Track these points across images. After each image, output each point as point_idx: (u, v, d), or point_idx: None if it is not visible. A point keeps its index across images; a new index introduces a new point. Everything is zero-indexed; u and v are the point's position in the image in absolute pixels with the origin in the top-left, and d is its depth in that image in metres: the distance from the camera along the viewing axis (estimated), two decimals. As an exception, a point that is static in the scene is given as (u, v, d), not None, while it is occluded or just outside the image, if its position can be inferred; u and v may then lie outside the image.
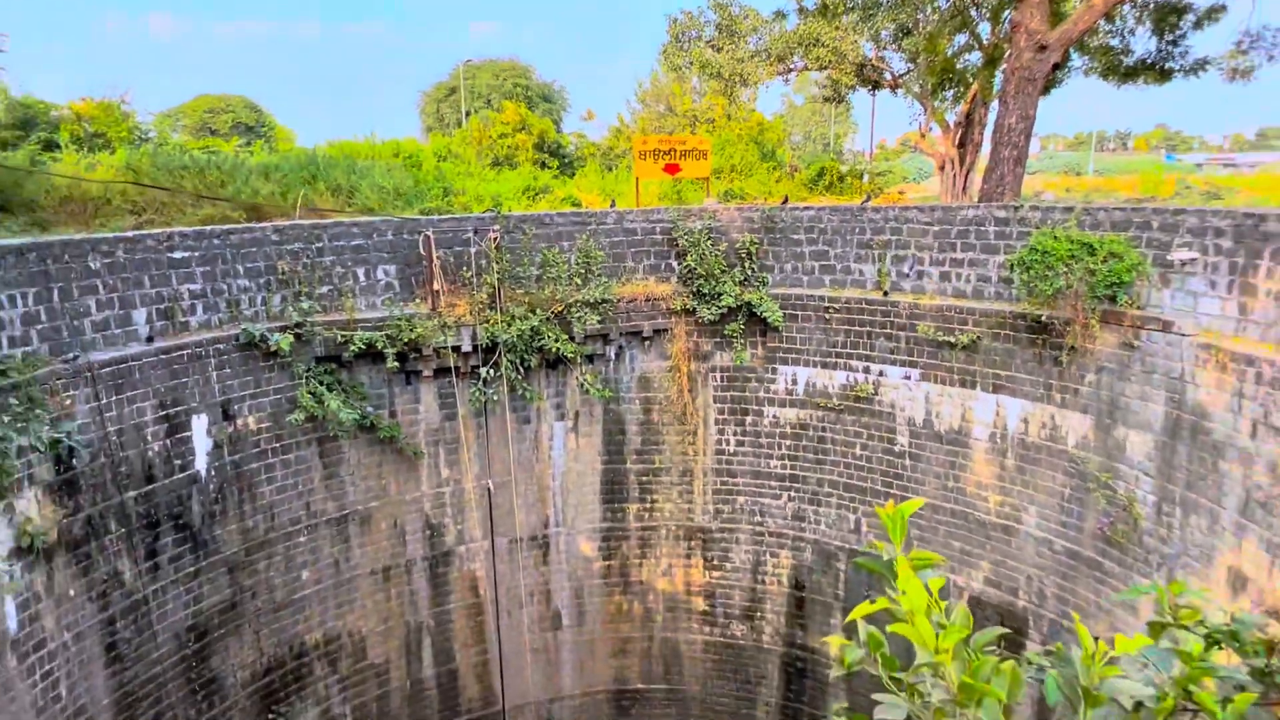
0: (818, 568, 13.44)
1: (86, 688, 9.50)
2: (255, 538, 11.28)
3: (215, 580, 10.91)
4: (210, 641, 10.93)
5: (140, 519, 9.97)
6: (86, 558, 9.42)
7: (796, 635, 13.82)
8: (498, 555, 13.47)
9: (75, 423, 9.09)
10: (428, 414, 12.52)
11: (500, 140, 29.51)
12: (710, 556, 14.04)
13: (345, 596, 12.44)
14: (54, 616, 9.07)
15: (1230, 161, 53.08)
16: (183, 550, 10.51)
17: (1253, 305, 8.51)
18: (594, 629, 14.41)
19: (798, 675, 13.92)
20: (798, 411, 13.12)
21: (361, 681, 12.89)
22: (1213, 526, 8.93)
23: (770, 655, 14.10)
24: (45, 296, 9.07)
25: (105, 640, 9.69)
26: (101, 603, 9.60)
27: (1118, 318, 9.85)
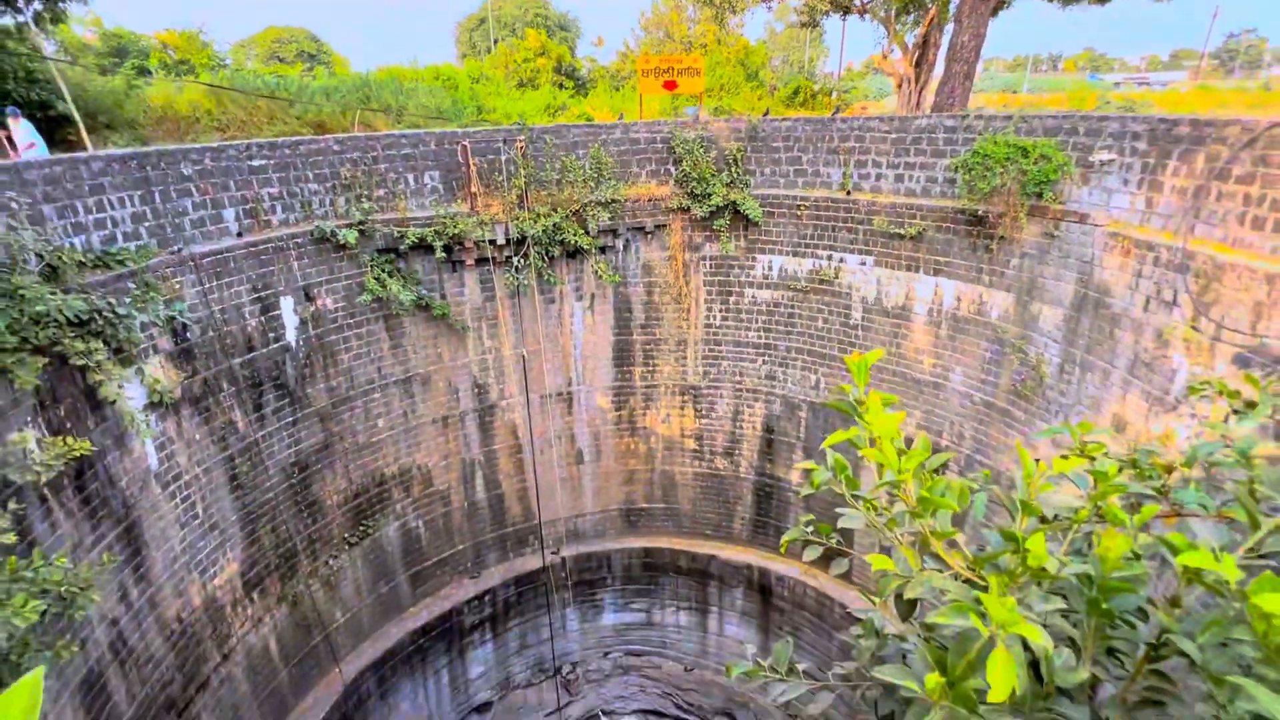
0: (784, 416, 13.60)
1: (217, 508, 9.85)
2: (339, 395, 11.38)
3: (310, 427, 11.09)
4: (310, 474, 11.24)
5: (246, 380, 10.02)
6: (206, 410, 9.52)
7: (765, 467, 14.18)
8: (531, 407, 13.65)
9: (185, 303, 8.96)
10: (471, 296, 12.33)
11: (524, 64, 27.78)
12: (699, 408, 14.20)
13: (413, 439, 12.70)
14: (186, 455, 9.27)
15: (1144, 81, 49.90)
16: (282, 405, 10.62)
17: (1157, 200, 8.10)
18: (608, 463, 14.79)
19: (766, 497, 14.38)
20: (772, 292, 12.89)
21: (429, 503, 13.37)
22: (1104, 383, 8.88)
23: (745, 482, 14.52)
24: (148, 199, 8.72)
25: (228, 473, 9.96)
26: (221, 445, 9.79)
27: (1042, 211, 9.43)
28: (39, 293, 6.86)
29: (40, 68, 15.18)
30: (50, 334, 6.99)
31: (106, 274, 8.02)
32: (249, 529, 10.38)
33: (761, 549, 14.74)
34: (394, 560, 13.10)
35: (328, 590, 11.95)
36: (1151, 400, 8.05)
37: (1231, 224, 7.22)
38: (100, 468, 8.00)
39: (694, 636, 16.22)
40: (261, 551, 10.61)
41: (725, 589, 15.20)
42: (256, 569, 10.57)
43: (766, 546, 14.70)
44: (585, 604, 15.84)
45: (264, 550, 10.64)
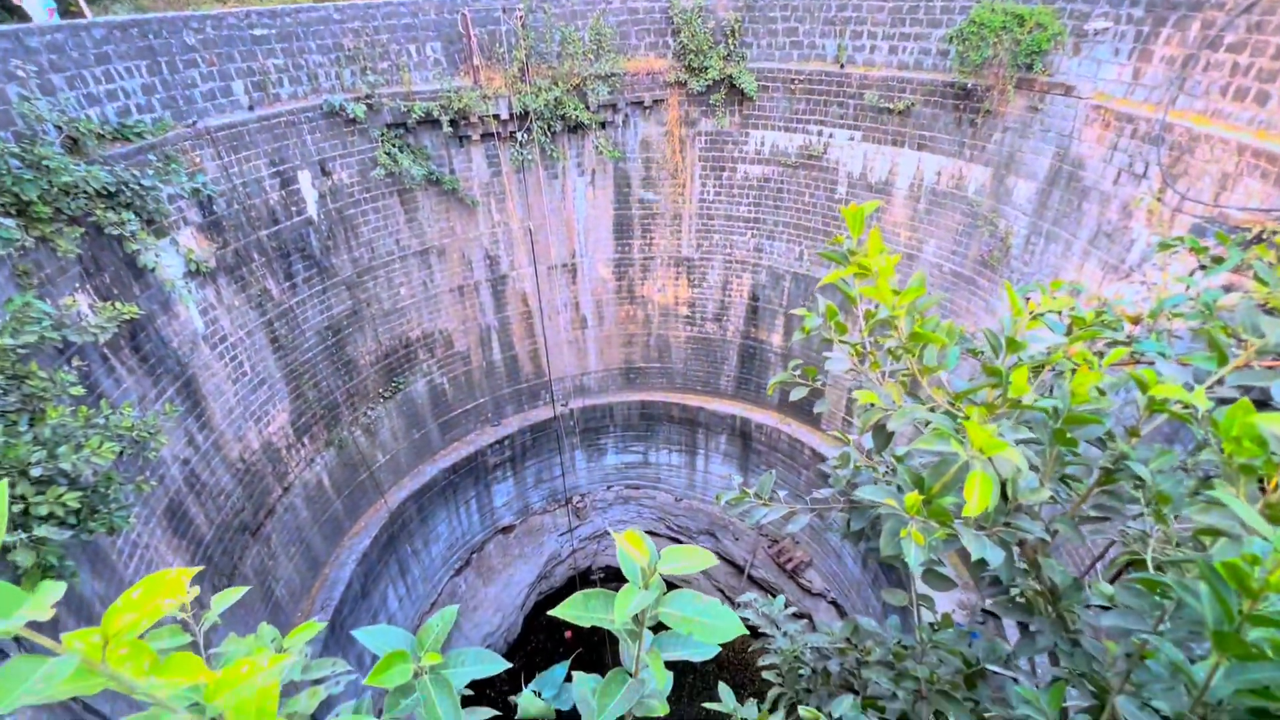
0: (769, 285, 13.43)
1: (263, 366, 9.93)
2: (362, 265, 11.12)
3: (338, 295, 10.94)
4: (343, 337, 11.24)
5: (275, 251, 9.72)
6: (242, 279, 9.32)
7: (751, 331, 14.23)
8: (539, 277, 13.42)
9: (207, 176, 8.47)
10: (479, 171, 11.69)
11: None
12: (693, 278, 13.99)
13: (433, 306, 12.60)
14: (228, 319, 9.20)
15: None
16: (311, 274, 10.40)
17: (1145, 70, 7.42)
18: (610, 328, 14.82)
19: (750, 358, 14.56)
20: (762, 168, 12.23)
21: (451, 363, 13.53)
22: (1065, 253, 8.65)
23: (731, 345, 14.64)
24: (156, 69, 7.96)
25: (269, 336, 9.94)
26: (260, 310, 9.69)
27: (1030, 84, 8.69)
28: (63, 163, 6.44)
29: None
30: (82, 204, 6.65)
31: (126, 146, 7.49)
32: (293, 385, 10.54)
33: (744, 401, 15.15)
34: (424, 411, 13.48)
35: (368, 436, 12.39)
36: (1107, 269, 7.88)
37: (1214, 95, 6.66)
38: (151, 330, 7.94)
39: (683, 473, 17.14)
40: (306, 404, 10.86)
41: (711, 434, 15.82)
42: (304, 418, 10.87)
43: (748, 399, 15.10)
44: (591, 447, 16.56)
45: (309, 403, 10.89)
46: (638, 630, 1.00)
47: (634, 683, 1.03)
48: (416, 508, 13.60)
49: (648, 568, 0.94)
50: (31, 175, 6.23)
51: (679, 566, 0.99)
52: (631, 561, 0.96)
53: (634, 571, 0.96)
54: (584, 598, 1.00)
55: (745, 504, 1.98)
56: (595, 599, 0.99)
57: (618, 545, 0.98)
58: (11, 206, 6.18)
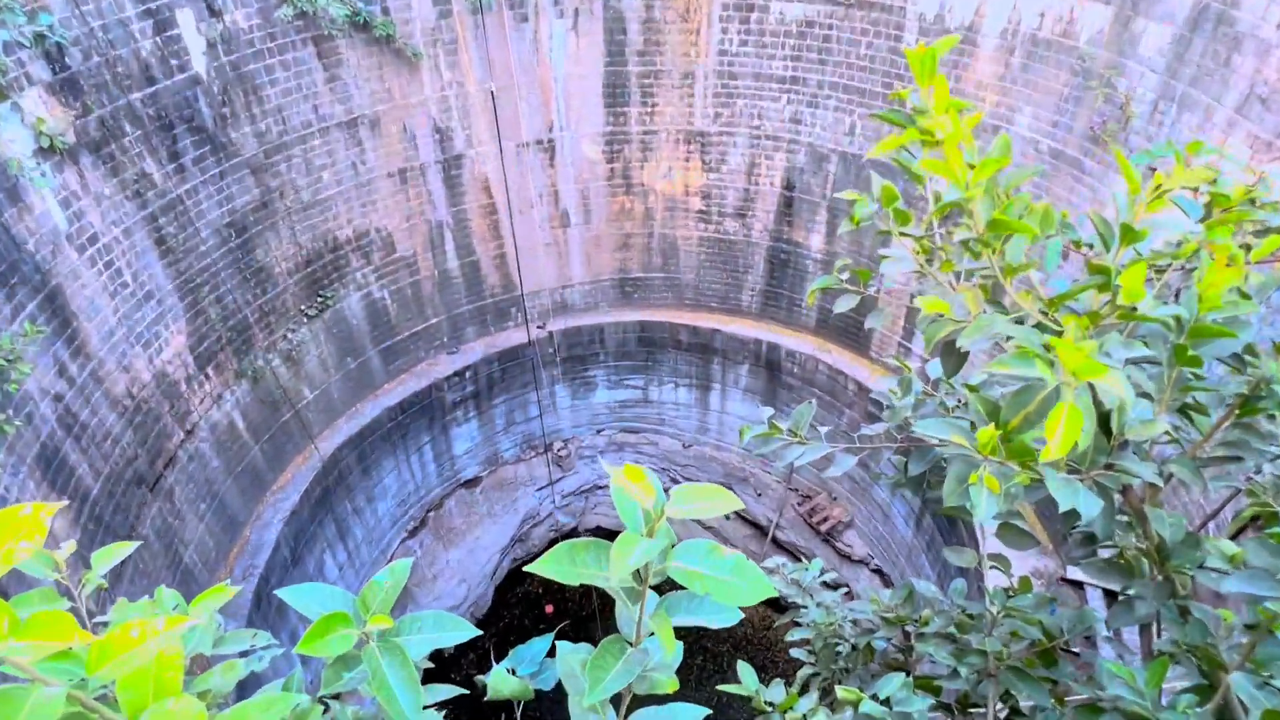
0: (809, 169, 13.14)
1: (149, 276, 9.84)
2: (270, 141, 10.81)
3: (242, 181, 10.70)
4: (250, 237, 11.09)
5: (153, 121, 9.41)
6: (112, 159, 9.07)
7: (783, 231, 14.06)
8: (505, 158, 13.12)
9: (53, 17, 8.07)
10: (421, 10, 11.16)
11: None
12: (708, 160, 13.67)
13: (367, 197, 12.37)
14: (98, 213, 9.03)
15: None
16: (204, 153, 10.12)
17: None
18: (599, 226, 14.64)
19: (781, 265, 14.47)
20: (805, 7, 11.68)
21: (394, 271, 13.43)
22: (1203, 124, 8.42)
23: (758, 248, 14.51)
24: None
25: (153, 235, 9.79)
26: (139, 201, 9.50)
27: (1174, -114, 8.17)
28: None
29: None
30: (-113, 55, 6.37)
31: (-60, -27, 7.10)
32: (190, 299, 10.50)
33: (772, 322, 15.19)
34: (361, 334, 13.51)
35: (291, 366, 12.47)
36: (1258, 145, 7.69)
37: None
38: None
39: (693, 414, 17.40)
40: (209, 324, 10.85)
41: (729, 365, 15.95)
42: (207, 343, 10.90)
43: (778, 320, 15.12)
44: (575, 381, 16.73)
45: (211, 323, 10.88)
46: (639, 589, 1.02)
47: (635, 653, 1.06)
48: (356, 456, 13.88)
49: (653, 509, 0.94)
50: None
51: (694, 509, 0.97)
52: (631, 502, 0.96)
53: (635, 515, 0.97)
54: (570, 549, 1.02)
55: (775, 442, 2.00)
56: (584, 551, 1.00)
57: (613, 484, 0.98)
58: None
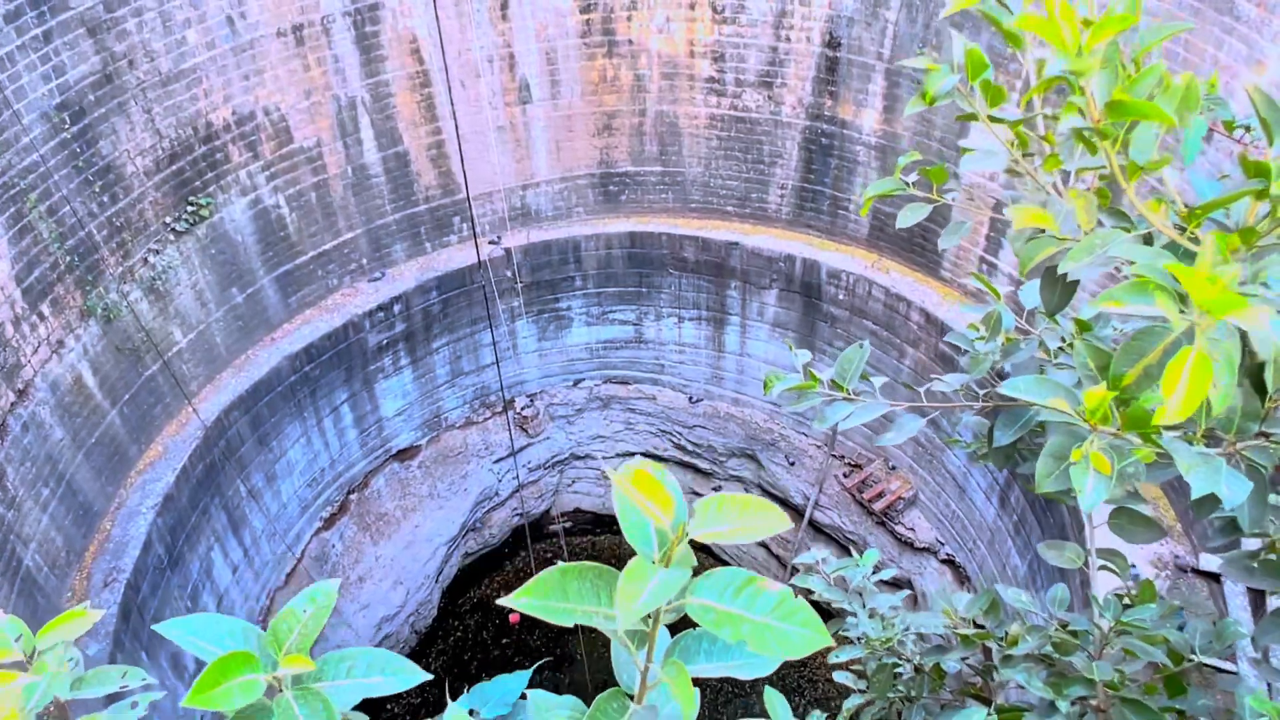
0: (861, 18, 12.91)
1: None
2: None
3: (76, 46, 10.51)
4: (91, 123, 10.95)
5: (-55, -39, 9.18)
6: (-110, 15, 8.87)
7: (824, 105, 13.92)
8: (441, 8, 12.85)
9: None
10: None
11: None
12: (720, 5, 13.44)
13: (250, 65, 12.17)
14: (-123, 93, 8.87)
15: None
16: (19, 5, 9.90)
17: None
18: (571, 102, 14.49)
19: (822, 153, 14.37)
20: None
21: (292, 169, 13.30)
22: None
23: (790, 129, 14.40)
24: None
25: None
26: (-67, 75, 9.34)
27: None
28: None
29: None
30: None
31: None
32: (12, 211, 10.40)
33: (809, 231, 15.18)
34: (249, 255, 13.46)
35: (155, 300, 12.44)
36: None
37: None
38: None
39: (703, 357, 17.49)
40: (40, 244, 10.78)
41: (752, 291, 15.98)
42: (39, 271, 10.85)
43: (817, 228, 15.10)
44: (544, 314, 16.76)
45: (43, 242, 10.81)
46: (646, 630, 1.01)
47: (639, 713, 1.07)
48: (249, 421, 13.97)
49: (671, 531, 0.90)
50: None
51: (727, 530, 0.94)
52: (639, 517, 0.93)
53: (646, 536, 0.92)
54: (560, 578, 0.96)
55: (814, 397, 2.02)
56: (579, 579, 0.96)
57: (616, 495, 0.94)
58: None
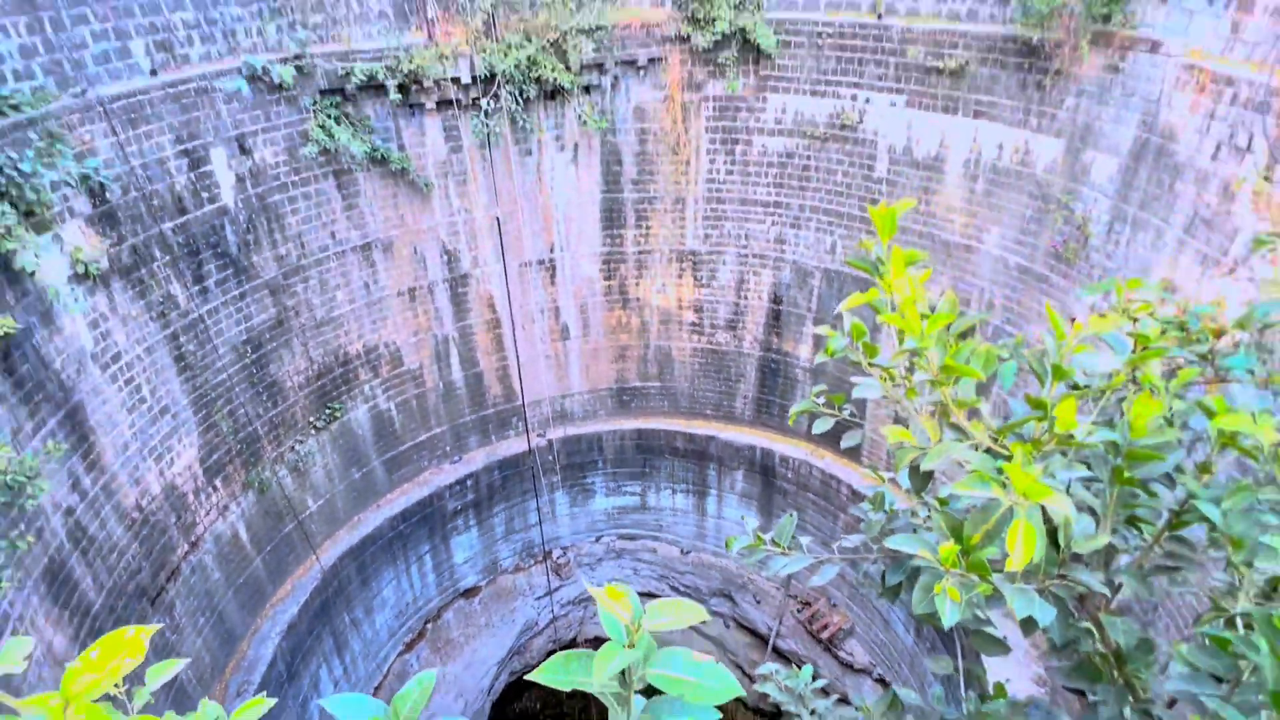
0: (795, 284, 13.64)
1: (166, 391, 10.03)
2: (290, 264, 11.27)
3: (260, 301, 11.08)
4: (265, 353, 11.37)
5: (182, 248, 9.87)
6: (140, 283, 9.45)
7: (772, 342, 14.42)
8: (509, 276, 13.60)
9: (99, 158, 8.63)
10: (434, 147, 11.91)
11: None
12: (699, 276, 14.19)
13: (378, 314, 12.75)
14: (123, 333, 9.31)
15: None
16: (226, 276, 10.54)
17: (1246, 23, 7.70)
18: (597, 339, 14.98)
19: (772, 374, 14.74)
20: (785, 140, 12.49)
21: (400, 384, 13.65)
22: (1155, 243, 8.88)
23: (749, 358, 14.82)
24: (37, 27, 8.14)
25: (173, 353, 10.05)
26: (162, 321, 9.82)
27: (1108, 39, 8.97)
28: (-76, 145, 6.59)
29: None
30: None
31: (1, 121, 7.65)
32: (203, 413, 10.64)
33: (765, 429, 15.30)
34: (366, 445, 13.57)
35: (296, 477, 12.46)
36: (1207, 263, 8.09)
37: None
38: (29, 348, 8.05)
39: (690, 520, 17.22)
40: (220, 437, 10.94)
41: (725, 471, 15.94)
42: (216, 455, 10.95)
43: (770, 426, 15.24)
44: (574, 488, 16.64)
45: (222, 435, 10.97)
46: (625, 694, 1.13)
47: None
48: (356, 566, 13.64)
49: (632, 623, 1.08)
50: (-115, 160, 6.37)
51: (666, 621, 1.14)
52: (613, 618, 1.10)
53: (617, 628, 1.10)
54: (564, 659, 1.14)
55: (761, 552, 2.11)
56: (576, 660, 1.13)
57: (598, 602, 1.12)
58: None
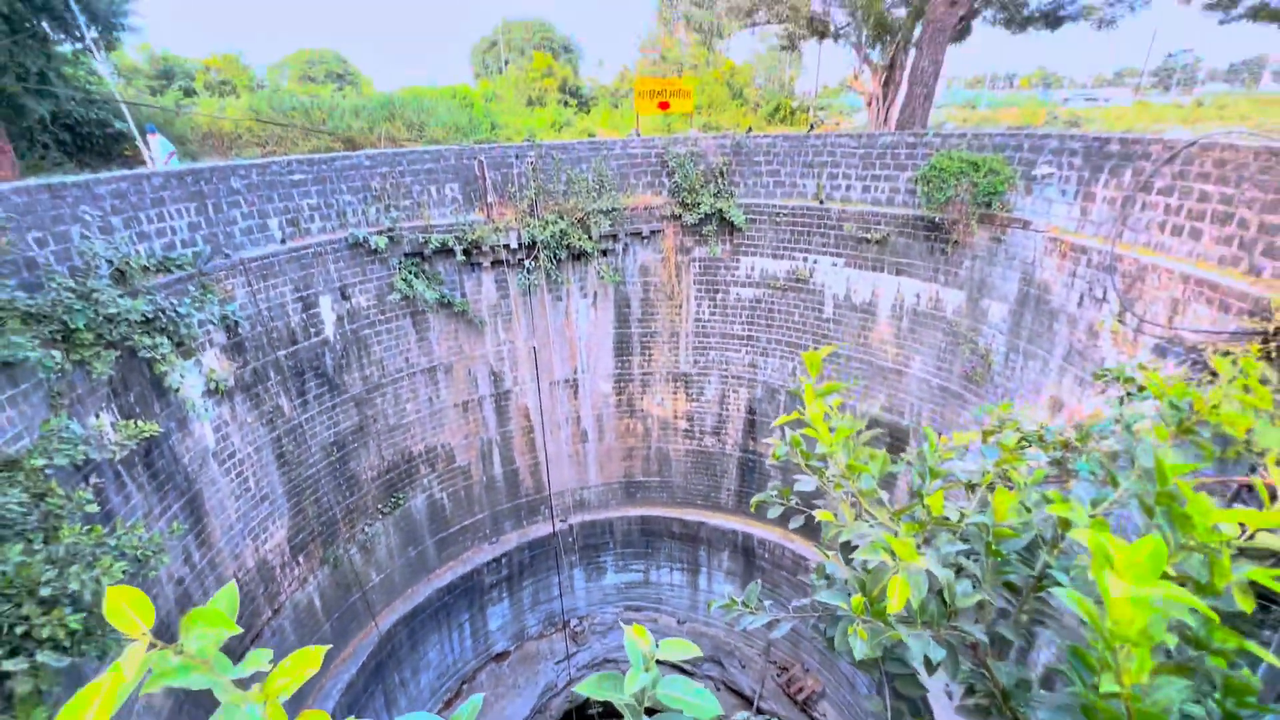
0: (765, 399, 13.84)
1: (267, 482, 10.08)
2: (372, 382, 11.59)
3: (346, 411, 11.30)
4: (347, 452, 11.47)
5: (291, 370, 10.22)
6: (257, 396, 9.73)
7: (749, 444, 14.44)
8: (542, 392, 13.86)
9: (236, 303, 9.14)
10: (488, 294, 12.52)
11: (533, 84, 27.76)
12: (691, 392, 14.43)
13: (437, 422, 12.92)
14: (239, 436, 9.49)
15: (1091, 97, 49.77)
16: (322, 391, 10.83)
17: (1090, 209, 8.31)
18: (610, 442, 15.05)
19: (749, 470, 14.65)
20: (754, 290, 13.09)
21: (452, 478, 13.61)
22: (1043, 369, 9.12)
23: (731, 458, 14.79)
24: (202, 210, 8.88)
25: (276, 452, 10.18)
26: (270, 427, 10.01)
27: (991, 219, 9.63)
28: (110, 296, 7.06)
29: (97, 89, 15.23)
30: (122, 331, 7.19)
31: (168, 277, 8.20)
32: (294, 500, 10.61)
33: (745, 516, 15.02)
34: (421, 528, 13.37)
35: (364, 554, 12.21)
36: (1084, 384, 8.30)
37: (1154, 230, 7.44)
38: (165, 447, 8.22)
39: (685, 594, 16.56)
40: (305, 520, 10.86)
41: (713, 551, 15.51)
42: (301, 535, 10.82)
43: (750, 514, 14.98)
44: (590, 566, 16.15)
45: (308, 519, 10.89)
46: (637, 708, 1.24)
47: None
48: (407, 632, 13.07)
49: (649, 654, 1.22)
50: (81, 305, 6.82)
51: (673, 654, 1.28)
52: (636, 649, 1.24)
53: (638, 657, 1.23)
54: (599, 679, 1.27)
55: (735, 611, 2.20)
56: (609, 679, 1.25)
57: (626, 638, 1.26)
58: (58, 334, 6.71)
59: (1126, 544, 1.00)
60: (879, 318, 11.71)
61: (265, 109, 18.50)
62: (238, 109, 18.89)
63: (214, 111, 18.25)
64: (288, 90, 26.11)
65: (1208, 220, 6.80)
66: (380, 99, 21.68)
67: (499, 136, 20.45)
